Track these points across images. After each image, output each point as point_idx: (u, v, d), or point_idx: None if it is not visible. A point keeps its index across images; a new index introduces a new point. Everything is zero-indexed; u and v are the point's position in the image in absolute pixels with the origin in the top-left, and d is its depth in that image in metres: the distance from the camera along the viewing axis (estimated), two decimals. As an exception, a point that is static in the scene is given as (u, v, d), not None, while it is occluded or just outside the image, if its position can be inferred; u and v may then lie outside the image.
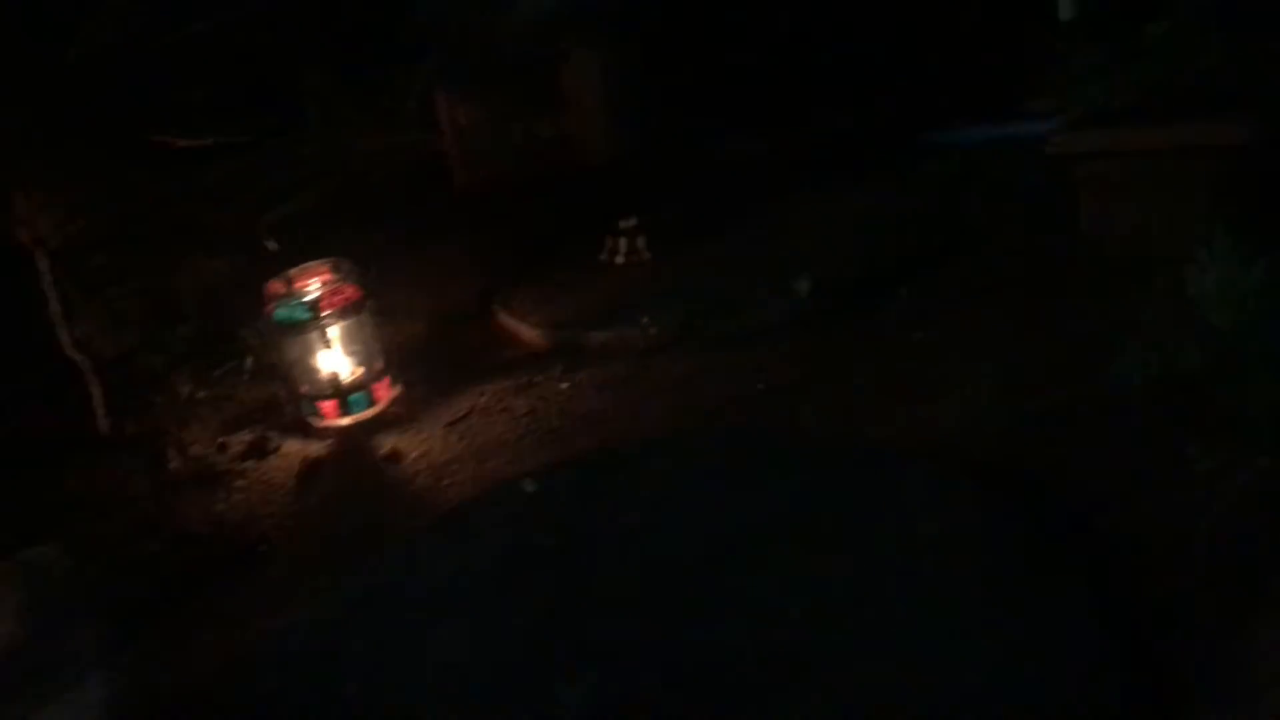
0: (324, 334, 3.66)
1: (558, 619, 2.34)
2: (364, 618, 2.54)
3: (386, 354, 3.85)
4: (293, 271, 3.78)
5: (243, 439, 3.72)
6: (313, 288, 3.74)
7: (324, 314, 3.65)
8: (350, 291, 3.72)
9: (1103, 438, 2.58)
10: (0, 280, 4.11)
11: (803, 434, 3.08)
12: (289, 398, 3.88)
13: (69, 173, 4.09)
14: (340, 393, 3.70)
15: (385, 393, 3.80)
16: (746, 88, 5.76)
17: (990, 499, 2.47)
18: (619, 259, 4.49)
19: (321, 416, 3.73)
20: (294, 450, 3.63)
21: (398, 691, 2.27)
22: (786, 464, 2.80)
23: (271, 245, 4.64)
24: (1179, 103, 3.35)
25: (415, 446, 3.52)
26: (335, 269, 3.78)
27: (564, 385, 3.70)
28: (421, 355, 4.14)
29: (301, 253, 4.91)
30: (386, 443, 3.57)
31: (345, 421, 3.71)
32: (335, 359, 3.71)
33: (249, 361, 4.25)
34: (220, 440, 3.71)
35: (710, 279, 4.15)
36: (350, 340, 3.75)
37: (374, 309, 3.83)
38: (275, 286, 3.73)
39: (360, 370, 3.76)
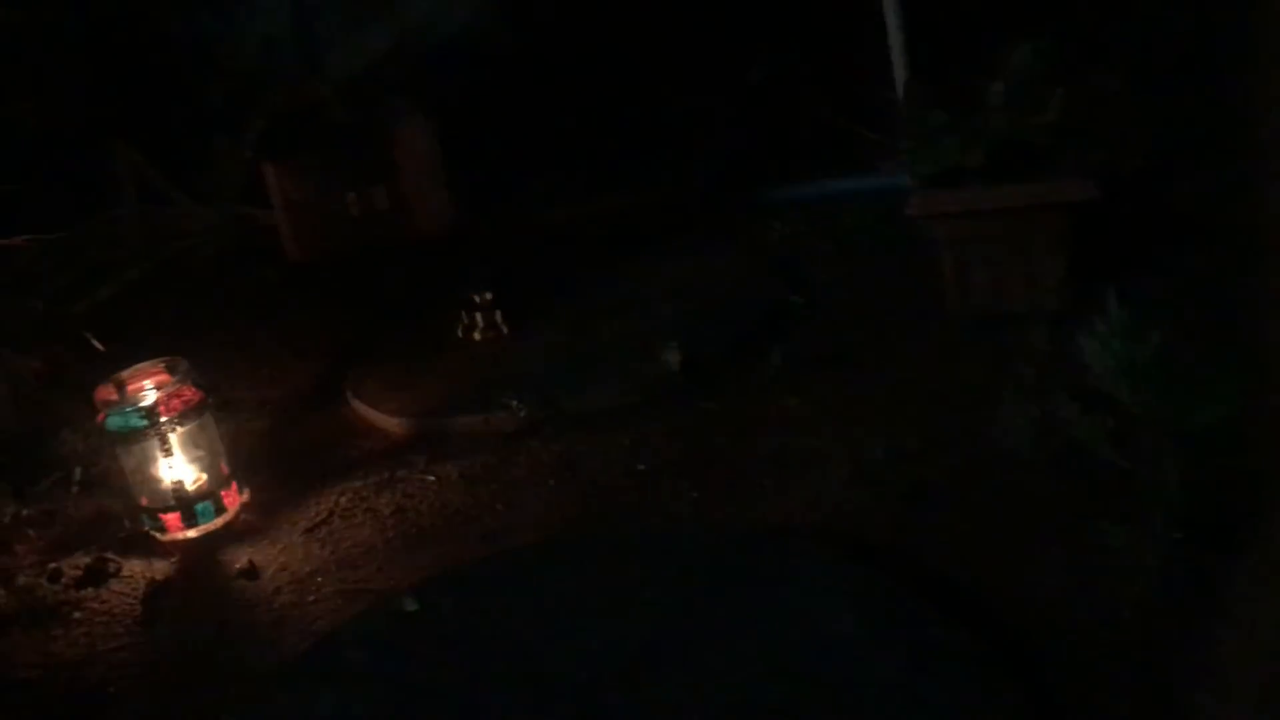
0: (164, 441, 3.36)
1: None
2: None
3: (232, 456, 3.57)
4: (124, 374, 3.46)
5: (78, 562, 3.36)
6: (147, 391, 3.44)
7: (162, 419, 3.35)
8: (190, 393, 3.43)
9: (1001, 513, 2.56)
10: None
11: (690, 521, 2.99)
12: (127, 511, 3.55)
13: None
14: (185, 503, 3.40)
15: (234, 499, 3.52)
16: (582, 151, 5.71)
17: (892, 587, 2.41)
18: (476, 335, 4.31)
19: (165, 530, 3.42)
20: (138, 571, 3.30)
21: None
22: (679, 559, 2.69)
23: (96, 344, 4.29)
24: (1028, 159, 3.44)
25: (273, 558, 3.26)
26: (171, 369, 3.48)
27: (430, 479, 3.50)
28: (270, 453, 3.86)
29: (125, 344, 4.58)
30: (241, 556, 3.28)
31: (192, 534, 3.42)
32: (177, 467, 3.41)
33: (77, 471, 3.89)
34: (52, 566, 3.35)
35: (573, 353, 4.04)
36: (192, 445, 3.45)
37: (214, 407, 3.55)
38: (105, 392, 3.41)
39: (205, 477, 3.47)
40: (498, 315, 4.33)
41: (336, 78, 5.92)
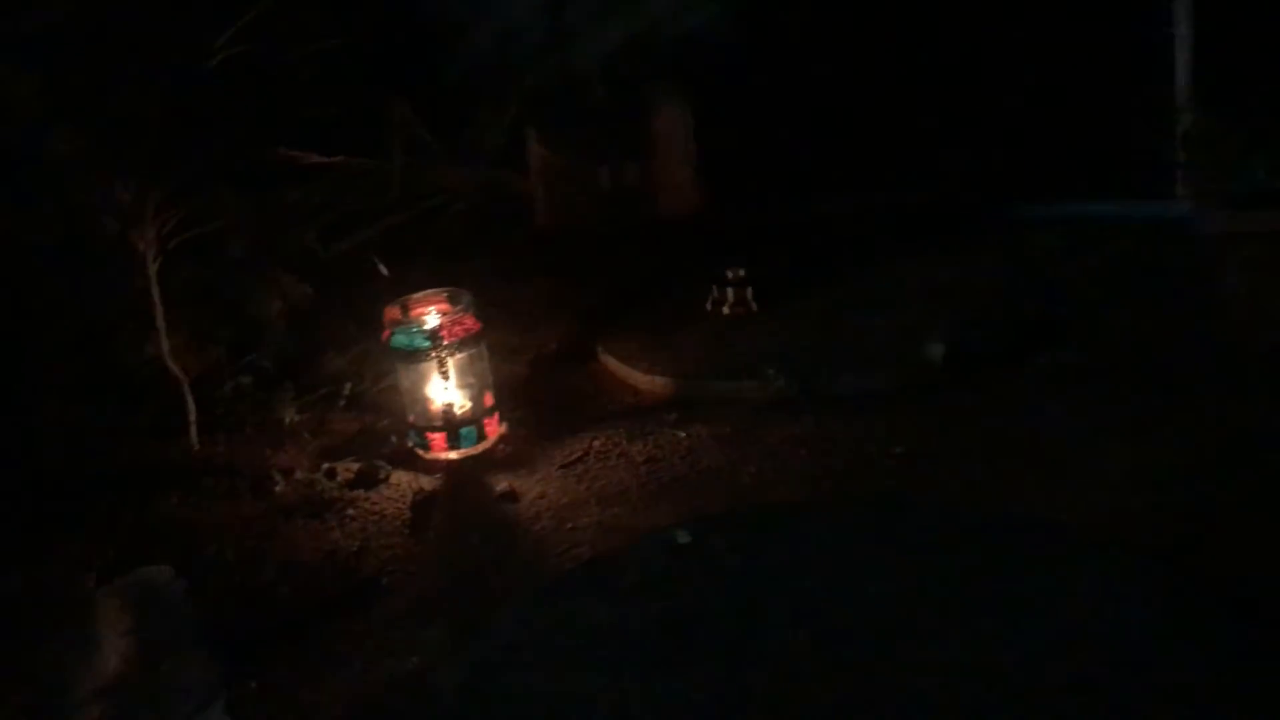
0: (443, 364, 3.55)
1: (728, 692, 2.20)
2: (510, 675, 2.37)
3: (496, 391, 3.74)
4: (411, 298, 3.68)
5: (349, 466, 3.58)
6: (430, 316, 3.64)
7: (444, 344, 3.54)
8: (470, 322, 3.62)
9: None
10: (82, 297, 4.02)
11: (953, 504, 2.97)
12: (393, 427, 3.77)
13: (175, 182, 3.99)
14: (451, 425, 3.59)
15: (494, 429, 3.69)
16: (838, 145, 5.74)
17: (1183, 586, 2.35)
18: (725, 310, 4.39)
19: (429, 449, 3.61)
20: (405, 481, 3.50)
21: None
22: (947, 534, 2.68)
23: (383, 269, 4.56)
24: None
25: (532, 487, 3.40)
26: (454, 299, 3.68)
27: (681, 435, 3.59)
28: (527, 394, 4.03)
29: (383, 286, 4.84)
30: (500, 481, 3.44)
31: (454, 455, 3.60)
32: (450, 390, 3.60)
33: (346, 387, 4.14)
34: (328, 466, 3.57)
35: (825, 336, 4.07)
36: (465, 373, 3.64)
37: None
38: (393, 312, 3.63)
39: (470, 404, 3.65)
40: (748, 292, 4.40)
41: (612, 57, 6.11)
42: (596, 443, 3.62)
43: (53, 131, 3.66)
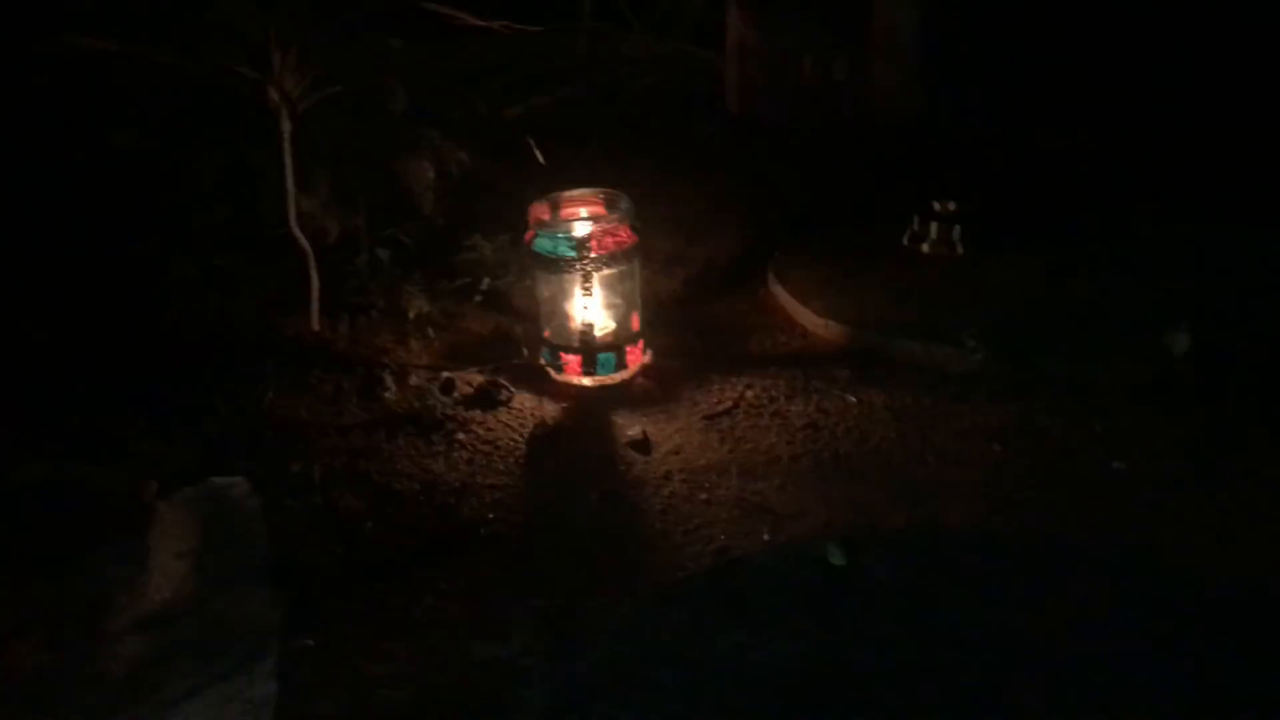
0: (587, 279, 3.07)
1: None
2: (602, 705, 1.93)
3: (644, 313, 3.25)
4: (561, 196, 3.19)
5: (470, 379, 3.17)
6: (582, 219, 3.15)
7: (592, 255, 3.05)
8: (624, 235, 3.11)
9: None
10: (227, 142, 3.67)
11: (1188, 559, 2.34)
12: (528, 336, 3.33)
13: (325, 31, 3.54)
14: (589, 349, 3.13)
15: (637, 358, 3.21)
16: (1092, 65, 4.90)
17: None
18: (924, 247, 3.75)
19: (562, 370, 3.17)
20: (527, 408, 3.07)
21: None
22: (1181, 607, 2.08)
23: (538, 155, 4.08)
24: None
25: (667, 437, 2.92)
26: (610, 204, 3.17)
27: (851, 400, 3.04)
28: (678, 318, 3.53)
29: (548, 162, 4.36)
30: (634, 423, 2.98)
31: (588, 382, 3.15)
32: (592, 309, 3.12)
33: (485, 282, 3.73)
34: (445, 375, 3.17)
35: (1043, 303, 3.40)
36: (611, 291, 3.15)
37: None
38: (540, 210, 3.15)
39: (614, 326, 3.18)
40: (955, 231, 3.75)
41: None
42: (750, 392, 3.11)
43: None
